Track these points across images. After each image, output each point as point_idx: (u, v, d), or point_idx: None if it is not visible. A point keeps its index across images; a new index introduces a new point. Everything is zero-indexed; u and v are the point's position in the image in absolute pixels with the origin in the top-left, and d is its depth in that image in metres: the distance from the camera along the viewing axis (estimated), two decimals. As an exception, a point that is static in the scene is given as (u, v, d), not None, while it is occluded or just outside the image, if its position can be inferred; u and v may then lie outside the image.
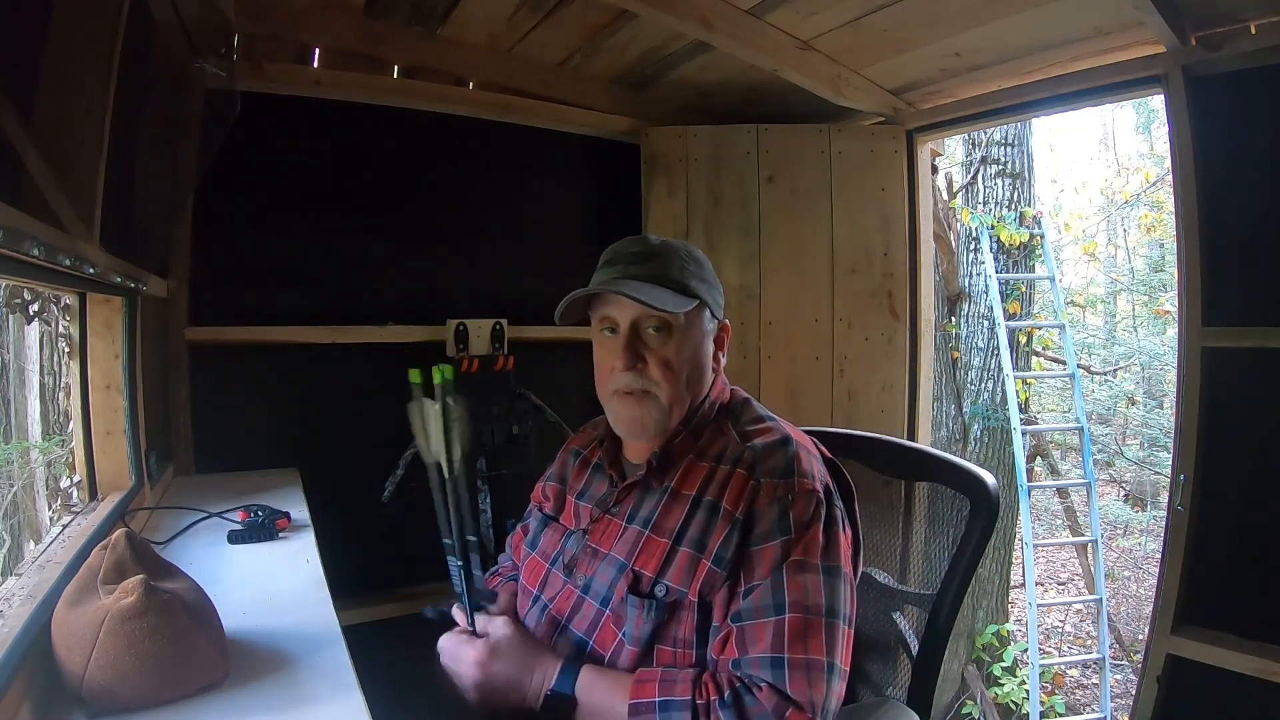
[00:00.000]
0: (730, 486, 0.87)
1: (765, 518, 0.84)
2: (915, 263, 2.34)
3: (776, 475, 0.86)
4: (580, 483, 1.04)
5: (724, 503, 0.86)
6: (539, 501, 1.10)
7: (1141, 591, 5.23)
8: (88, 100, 1.03)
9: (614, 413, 0.95)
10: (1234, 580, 1.68)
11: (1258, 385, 1.65)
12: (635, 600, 0.86)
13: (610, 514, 0.95)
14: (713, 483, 0.89)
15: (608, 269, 0.95)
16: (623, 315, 0.92)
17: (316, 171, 1.98)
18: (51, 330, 2.26)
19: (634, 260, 0.94)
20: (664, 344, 0.92)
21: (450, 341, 2.08)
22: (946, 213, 4.06)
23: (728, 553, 0.84)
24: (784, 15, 1.85)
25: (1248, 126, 1.65)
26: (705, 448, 0.93)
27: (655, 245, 0.96)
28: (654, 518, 0.90)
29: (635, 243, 0.97)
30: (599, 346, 0.96)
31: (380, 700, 0.80)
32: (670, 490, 0.91)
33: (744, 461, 0.89)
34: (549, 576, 0.99)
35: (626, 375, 0.91)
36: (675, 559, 0.86)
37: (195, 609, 0.80)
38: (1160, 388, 6.38)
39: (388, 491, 1.93)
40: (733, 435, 0.94)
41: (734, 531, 0.84)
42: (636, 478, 0.95)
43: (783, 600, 0.80)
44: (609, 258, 0.97)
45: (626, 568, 0.88)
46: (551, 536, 1.02)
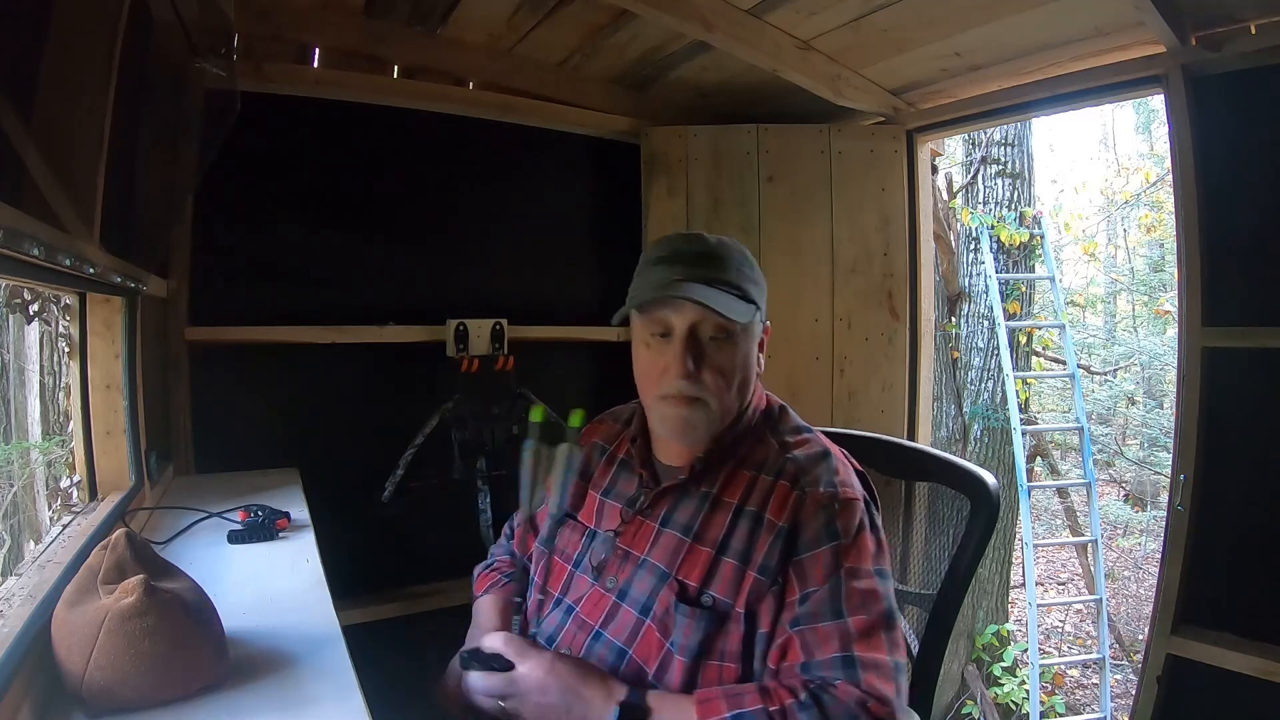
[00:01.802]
0: (773, 497, 0.87)
1: (811, 526, 0.84)
2: (915, 263, 2.34)
3: (820, 486, 0.86)
4: (605, 479, 1.01)
5: (767, 513, 0.86)
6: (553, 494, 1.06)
7: (1141, 591, 5.23)
8: (88, 100, 1.03)
9: (661, 414, 0.91)
10: (1234, 580, 1.68)
11: (1258, 385, 1.65)
12: (686, 609, 0.84)
13: (643, 516, 0.93)
14: (755, 492, 0.88)
15: (665, 268, 0.90)
16: (681, 320, 0.88)
17: (316, 172, 1.98)
18: (51, 330, 2.26)
19: (695, 261, 0.90)
20: (720, 351, 0.89)
21: (450, 341, 2.08)
22: (946, 213, 4.06)
23: (773, 562, 0.83)
24: (784, 15, 1.85)
25: (1248, 126, 1.65)
26: (747, 456, 0.92)
27: (714, 245, 0.92)
28: (696, 526, 0.89)
29: (693, 241, 0.93)
30: (646, 349, 0.92)
31: (380, 700, 0.80)
32: (712, 498, 0.90)
33: (786, 473, 0.88)
34: (573, 579, 0.96)
35: (682, 382, 0.88)
36: (720, 569, 0.85)
37: (195, 609, 0.80)
38: (1160, 388, 6.38)
39: (388, 491, 1.93)
40: (773, 445, 0.92)
41: (778, 541, 0.84)
42: (675, 481, 0.92)
43: (841, 605, 0.80)
44: (664, 254, 0.92)
45: (669, 577, 0.87)
46: (571, 536, 0.99)
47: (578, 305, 2.36)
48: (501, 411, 2.08)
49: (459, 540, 2.04)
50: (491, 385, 2.11)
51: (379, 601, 2.00)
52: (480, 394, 2.07)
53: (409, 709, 1.12)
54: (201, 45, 1.38)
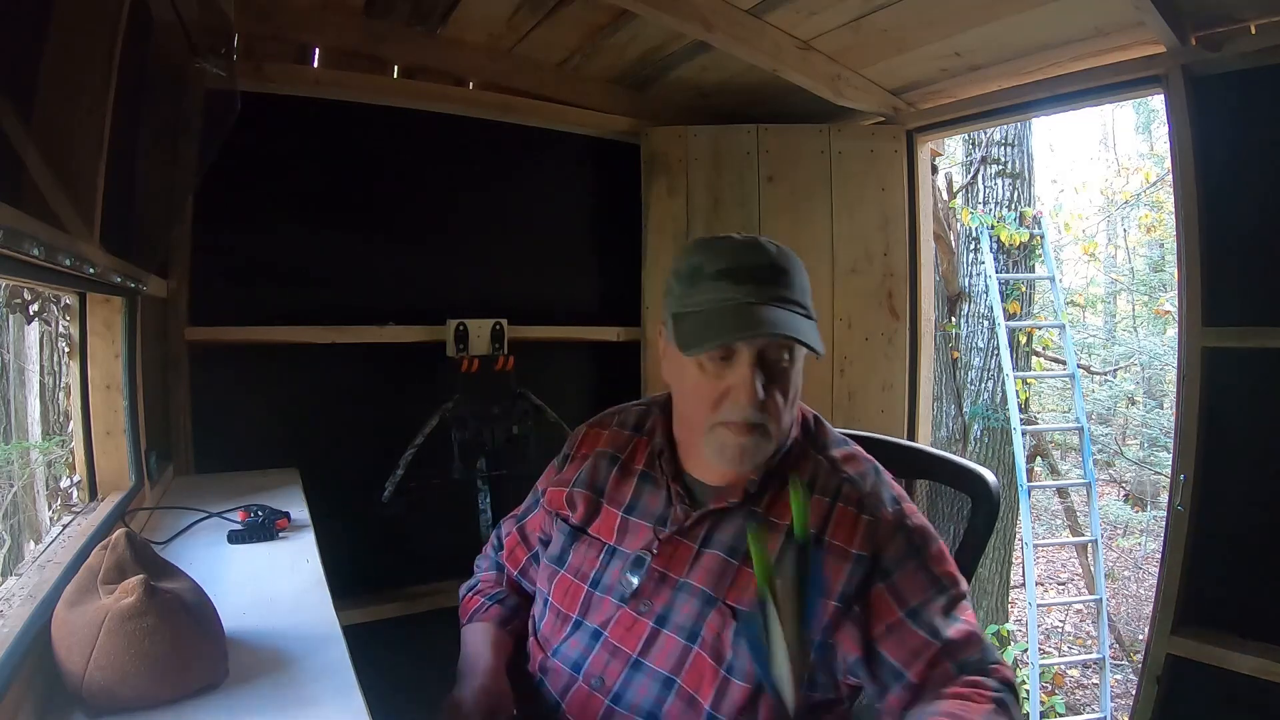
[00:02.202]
0: (839, 523, 0.83)
1: (892, 549, 0.81)
2: (915, 263, 2.34)
3: (886, 505, 0.84)
4: (624, 494, 0.94)
5: (835, 539, 0.82)
6: (559, 508, 0.98)
7: (1141, 591, 5.24)
8: (88, 100, 1.03)
9: (719, 441, 0.84)
10: (1234, 580, 1.68)
11: (1258, 385, 1.65)
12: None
13: (680, 536, 0.87)
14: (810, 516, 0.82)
15: (729, 285, 0.82)
16: (751, 345, 0.81)
17: (317, 171, 1.98)
18: (51, 330, 2.25)
19: (764, 278, 0.82)
20: (785, 374, 0.84)
21: (450, 341, 2.08)
22: (946, 213, 4.06)
23: (851, 589, 0.80)
24: (784, 15, 1.85)
25: (1248, 126, 1.65)
26: (793, 471, 0.87)
27: (777, 257, 0.84)
28: (744, 546, 0.83)
29: (754, 251, 0.84)
30: (701, 371, 0.83)
31: (380, 700, 0.80)
32: (761, 519, 0.85)
33: (845, 495, 0.85)
34: (592, 600, 0.90)
35: (750, 409, 0.81)
36: None
37: (195, 609, 0.80)
38: (1160, 388, 6.38)
39: (388, 491, 1.93)
40: (821, 462, 0.88)
41: (857, 568, 0.81)
42: (724, 505, 0.86)
43: (954, 612, 0.80)
44: (727, 267, 0.83)
45: (716, 601, 0.82)
46: (586, 553, 0.93)
47: (578, 305, 2.36)
48: (501, 411, 2.08)
49: (459, 540, 2.03)
50: (491, 385, 2.11)
51: (379, 601, 2.00)
52: (480, 394, 2.07)
53: (409, 709, 1.12)
54: (201, 45, 1.38)
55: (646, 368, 2.35)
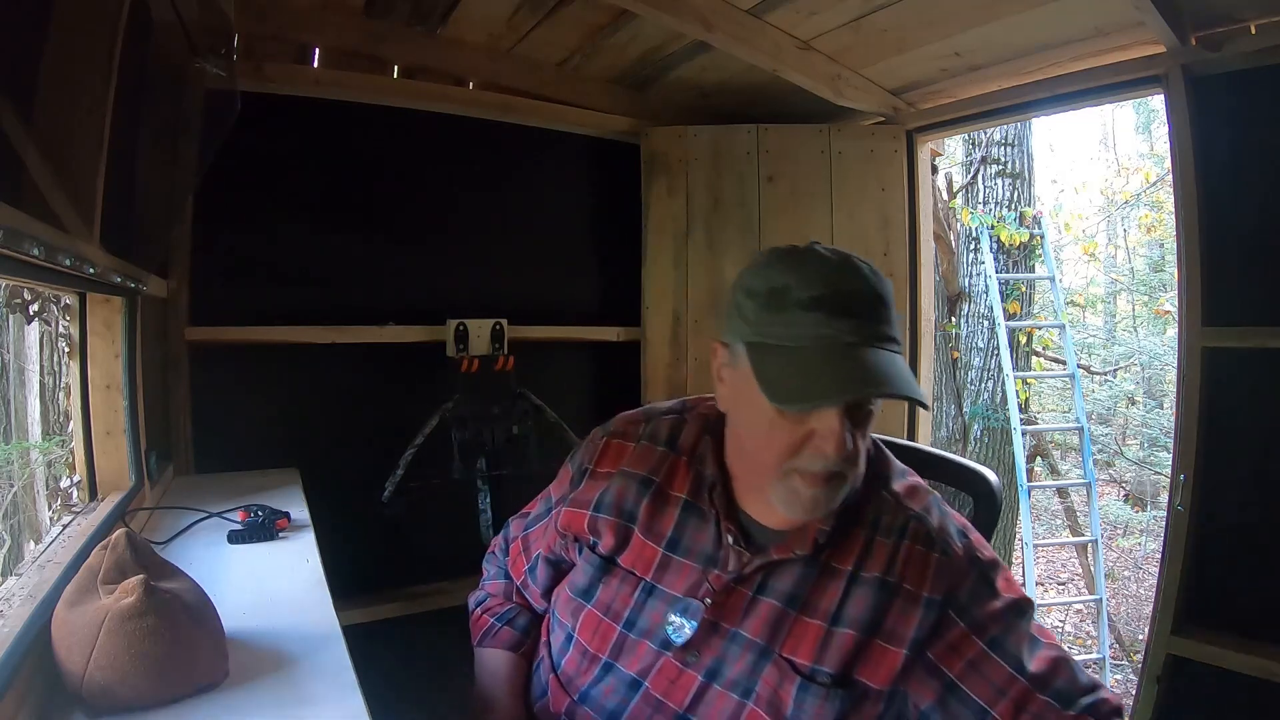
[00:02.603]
0: (905, 563, 0.76)
1: (968, 583, 0.75)
2: (915, 263, 2.34)
3: (955, 540, 0.78)
4: (663, 526, 0.83)
5: (904, 583, 0.75)
6: (580, 534, 0.87)
7: (1141, 591, 5.23)
8: (88, 100, 1.03)
9: (789, 489, 0.74)
10: (1234, 580, 1.68)
11: (1258, 385, 1.65)
12: (818, 690, 0.74)
13: (735, 585, 0.78)
14: (873, 557, 0.76)
15: (823, 319, 0.70)
16: None
17: (317, 171, 1.98)
18: (51, 330, 2.26)
19: (867, 312, 0.72)
20: (869, 418, 0.75)
21: (450, 341, 2.08)
22: (946, 213, 4.06)
23: (923, 634, 0.73)
24: (784, 15, 1.85)
25: (1248, 126, 1.65)
26: (857, 510, 0.79)
27: (875, 282, 0.74)
28: (803, 594, 0.76)
29: (853, 276, 0.73)
30: (775, 415, 0.72)
31: (380, 700, 0.80)
32: (821, 564, 0.77)
33: (913, 533, 0.77)
34: (625, 643, 0.82)
35: (835, 459, 0.72)
36: (834, 642, 0.74)
37: (195, 609, 0.80)
38: (1160, 388, 6.38)
39: (388, 491, 1.93)
40: (885, 498, 0.80)
41: (930, 613, 0.74)
42: (790, 555, 0.77)
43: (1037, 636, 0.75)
44: (820, 294, 0.71)
45: (772, 654, 0.76)
46: (619, 589, 0.83)
47: (578, 305, 2.36)
48: (501, 411, 2.08)
49: (459, 540, 2.04)
50: (491, 385, 2.11)
51: (379, 601, 2.00)
52: (480, 394, 2.07)
53: (409, 709, 1.13)
54: (201, 45, 1.38)
55: (646, 368, 2.35)
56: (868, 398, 0.73)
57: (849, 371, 0.69)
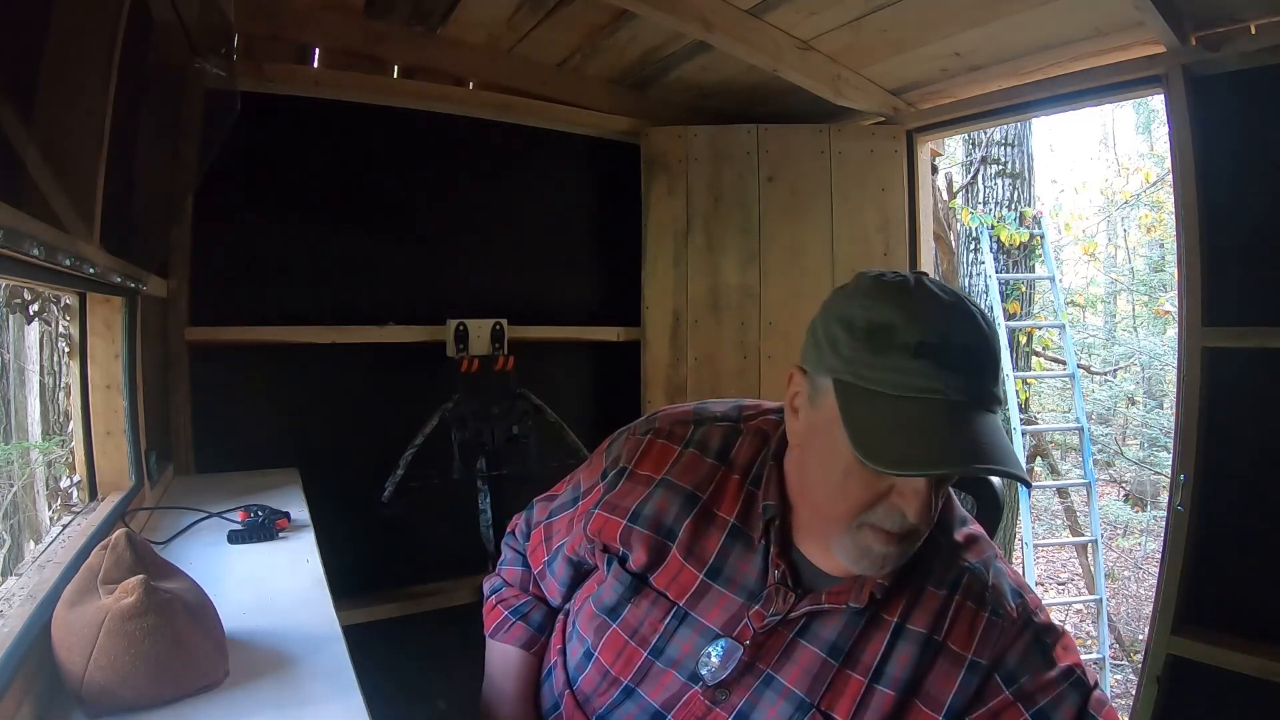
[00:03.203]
0: (955, 620, 0.70)
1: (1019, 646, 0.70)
2: (915, 263, 2.34)
3: (1009, 599, 0.72)
4: (706, 550, 0.77)
5: (949, 641, 0.70)
6: (610, 543, 0.81)
7: (1141, 591, 5.24)
8: (88, 100, 1.03)
9: (858, 545, 0.68)
10: (1234, 580, 1.68)
11: (1258, 385, 1.65)
12: None
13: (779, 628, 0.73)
14: (921, 609, 0.71)
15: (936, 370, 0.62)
16: None
17: (316, 171, 1.98)
18: (51, 330, 2.26)
19: (979, 369, 0.64)
20: (945, 481, 0.69)
21: (450, 341, 2.08)
22: (946, 213, 4.06)
23: (962, 701, 0.68)
24: (784, 15, 1.85)
25: (1248, 126, 1.65)
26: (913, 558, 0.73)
27: (989, 335, 0.66)
28: (847, 646, 0.71)
29: (969, 326, 0.65)
30: (855, 464, 0.64)
31: (380, 700, 0.80)
32: (869, 613, 0.72)
33: (965, 588, 0.72)
34: (650, 670, 0.77)
35: (915, 520, 0.66)
36: (874, 701, 0.70)
37: (195, 609, 0.80)
38: (1160, 388, 6.38)
39: (388, 491, 1.93)
40: (941, 545, 0.74)
41: (973, 676, 0.68)
42: (841, 605, 0.71)
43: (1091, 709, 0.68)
44: (935, 341, 0.63)
45: (811, 708, 0.71)
46: (649, 612, 0.77)
47: (578, 305, 2.36)
48: (501, 411, 2.08)
49: (459, 540, 2.04)
50: (491, 385, 2.11)
51: (379, 601, 2.00)
52: (480, 394, 2.07)
53: (409, 709, 1.13)
54: (201, 45, 1.38)
55: (646, 368, 2.35)
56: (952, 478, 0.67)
57: (953, 439, 0.62)
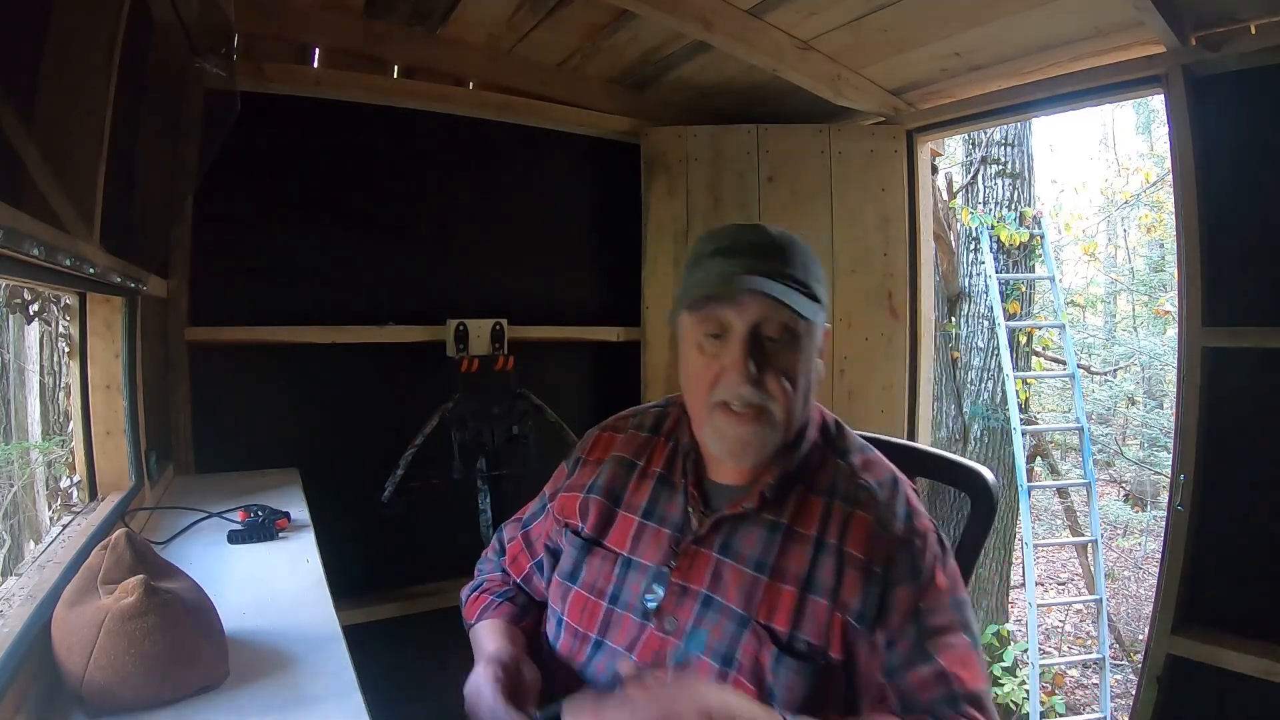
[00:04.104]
0: (853, 530, 0.79)
1: (898, 564, 0.78)
2: (915, 263, 2.34)
3: (900, 519, 0.80)
4: (640, 499, 0.89)
5: (851, 549, 0.78)
6: (571, 518, 0.92)
7: (1141, 591, 5.23)
8: (88, 100, 1.03)
9: (716, 429, 0.81)
10: (1234, 580, 1.68)
11: (1258, 385, 1.65)
12: (792, 663, 0.76)
13: (696, 544, 0.83)
14: (831, 522, 0.80)
15: (723, 260, 0.80)
16: (740, 318, 0.78)
17: (316, 171, 1.98)
18: (51, 330, 2.25)
19: (758, 252, 0.80)
20: (784, 353, 0.79)
21: (450, 341, 2.08)
22: (946, 213, 4.06)
23: (868, 607, 0.76)
24: (784, 15, 1.85)
25: (1248, 126, 1.65)
26: (813, 477, 0.84)
27: (777, 237, 0.82)
28: (770, 560, 0.79)
29: (754, 231, 0.83)
30: (697, 352, 0.81)
31: (380, 700, 0.80)
32: (785, 528, 0.81)
33: (864, 503, 0.81)
34: (611, 618, 0.84)
35: (744, 388, 0.78)
36: (808, 609, 0.77)
37: (195, 609, 0.80)
38: (1160, 388, 6.38)
39: (388, 491, 1.93)
40: (842, 467, 0.84)
41: (871, 584, 0.77)
42: (739, 510, 0.82)
43: (928, 647, 0.75)
44: (723, 245, 0.82)
45: (750, 621, 0.78)
46: (600, 567, 0.87)
47: (578, 305, 2.36)
48: (501, 411, 2.08)
49: (459, 540, 2.03)
50: (491, 385, 2.11)
51: (379, 601, 2.00)
52: (480, 394, 2.07)
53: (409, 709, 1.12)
54: (201, 45, 1.39)
55: (646, 368, 2.35)
56: (773, 333, 0.79)
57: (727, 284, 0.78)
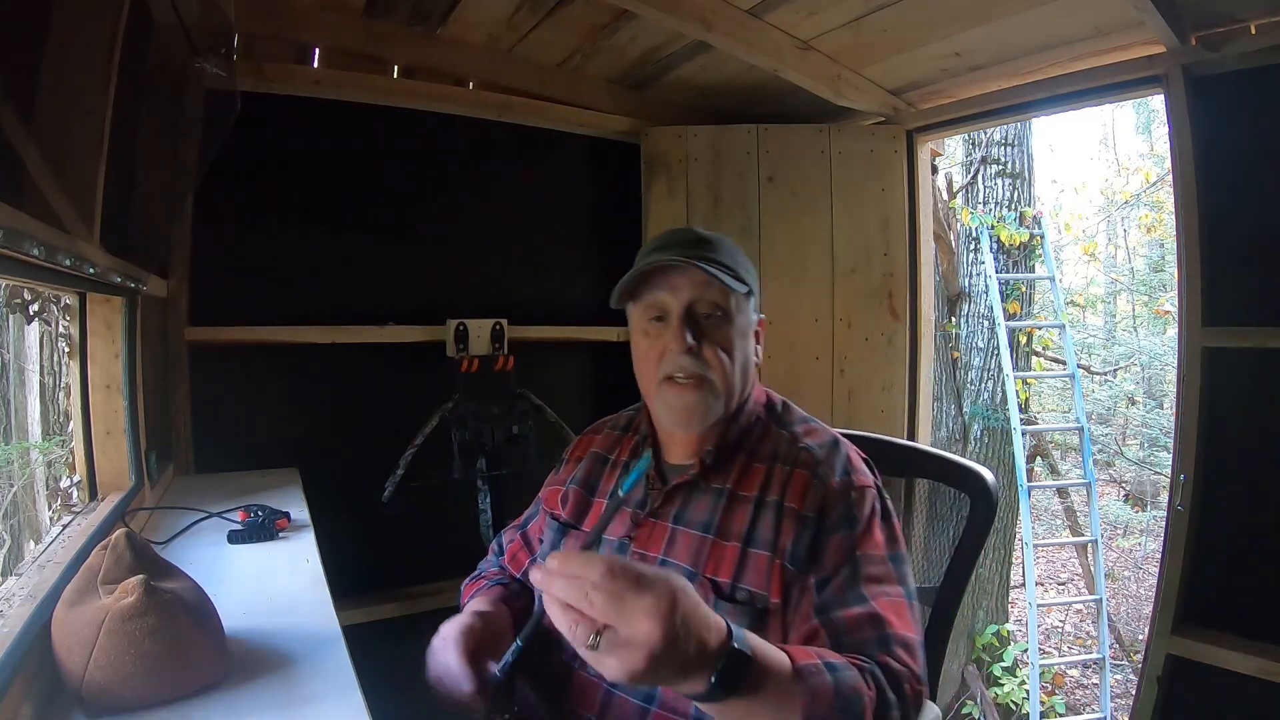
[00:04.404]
0: (792, 486, 0.86)
1: (833, 514, 0.84)
2: (915, 263, 2.34)
3: (837, 474, 0.86)
4: (608, 484, 1.00)
5: (790, 502, 0.85)
6: (553, 508, 1.02)
7: (1141, 591, 5.23)
8: (88, 100, 1.03)
9: (665, 402, 0.90)
10: (1234, 580, 1.68)
11: (1258, 385, 1.65)
12: (727, 607, 0.81)
13: (654, 517, 0.91)
14: (773, 483, 0.87)
15: (657, 253, 0.91)
16: (676, 298, 0.89)
17: (316, 171, 1.98)
18: (51, 330, 2.25)
19: (689, 245, 0.91)
20: (719, 329, 0.89)
21: (450, 341, 2.08)
22: (946, 213, 4.06)
23: (801, 551, 0.82)
24: (784, 15, 1.85)
25: (1248, 126, 1.65)
26: (756, 447, 0.92)
27: (705, 234, 0.94)
28: (715, 521, 0.87)
29: (685, 231, 0.95)
30: (644, 336, 0.92)
31: (380, 700, 0.80)
32: (729, 493, 0.88)
33: (803, 462, 0.88)
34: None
35: (684, 358, 0.87)
36: (749, 561, 0.84)
37: (195, 609, 0.80)
38: (1160, 388, 6.38)
39: (388, 491, 1.93)
40: (784, 435, 0.92)
41: (805, 530, 0.83)
42: (686, 478, 0.91)
43: (863, 590, 0.80)
44: (660, 243, 0.94)
45: (697, 575, 0.84)
46: (575, 545, 0.95)
47: (578, 305, 2.36)
48: (501, 411, 2.08)
49: (459, 540, 2.04)
50: (491, 385, 2.11)
51: (379, 601, 2.00)
52: (480, 394, 2.07)
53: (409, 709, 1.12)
54: (201, 45, 1.39)
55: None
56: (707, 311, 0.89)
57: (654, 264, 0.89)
